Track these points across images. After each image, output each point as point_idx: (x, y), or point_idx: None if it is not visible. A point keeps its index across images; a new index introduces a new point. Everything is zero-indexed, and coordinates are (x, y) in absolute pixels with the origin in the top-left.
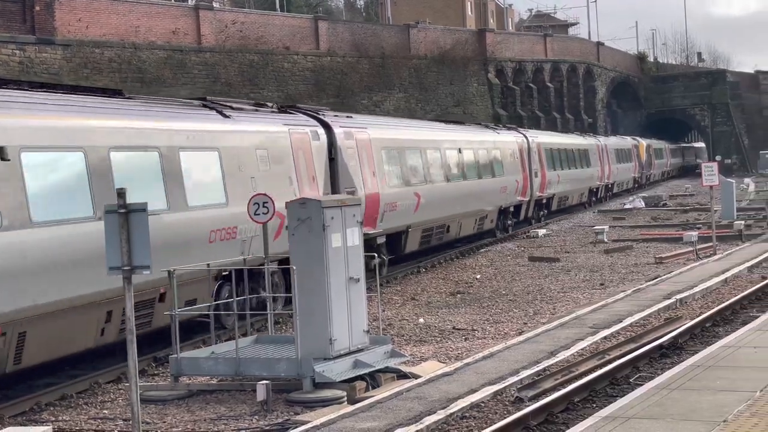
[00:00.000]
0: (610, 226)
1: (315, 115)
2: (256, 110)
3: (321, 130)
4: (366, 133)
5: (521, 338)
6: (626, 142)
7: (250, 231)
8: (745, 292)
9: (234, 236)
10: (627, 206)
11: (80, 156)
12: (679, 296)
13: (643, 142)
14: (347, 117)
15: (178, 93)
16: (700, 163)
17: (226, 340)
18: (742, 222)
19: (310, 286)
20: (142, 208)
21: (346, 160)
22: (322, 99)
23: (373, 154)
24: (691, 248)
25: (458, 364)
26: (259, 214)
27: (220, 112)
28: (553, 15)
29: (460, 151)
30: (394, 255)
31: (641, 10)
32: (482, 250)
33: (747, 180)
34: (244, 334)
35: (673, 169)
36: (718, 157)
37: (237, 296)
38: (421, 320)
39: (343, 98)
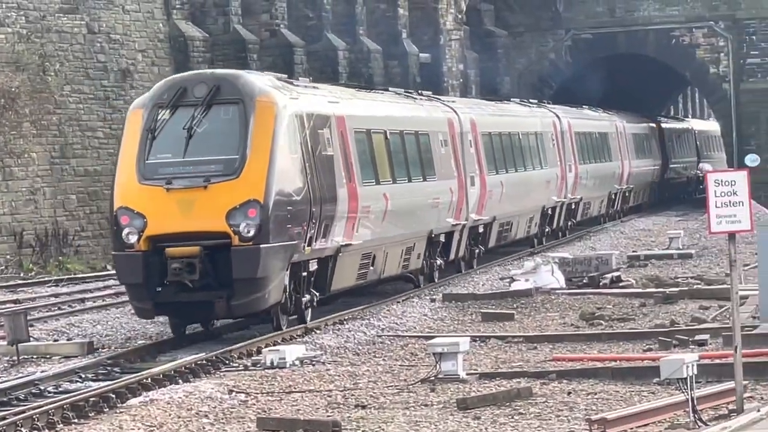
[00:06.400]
0: (474, 339)
1: (437, 98)
2: (411, 96)
3: (454, 115)
4: (470, 117)
5: None
6: (644, 122)
7: (445, 203)
8: None
9: (438, 205)
10: (518, 285)
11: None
12: None
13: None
14: (453, 101)
15: None
16: (704, 172)
17: None
18: None
19: None
20: None
21: (467, 140)
22: None
23: (478, 138)
24: (681, 396)
25: None
26: None
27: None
28: None
29: (519, 136)
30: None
31: None
32: (133, 400)
33: None
34: None
35: (638, 185)
36: (751, 158)
37: None
38: None
39: None
